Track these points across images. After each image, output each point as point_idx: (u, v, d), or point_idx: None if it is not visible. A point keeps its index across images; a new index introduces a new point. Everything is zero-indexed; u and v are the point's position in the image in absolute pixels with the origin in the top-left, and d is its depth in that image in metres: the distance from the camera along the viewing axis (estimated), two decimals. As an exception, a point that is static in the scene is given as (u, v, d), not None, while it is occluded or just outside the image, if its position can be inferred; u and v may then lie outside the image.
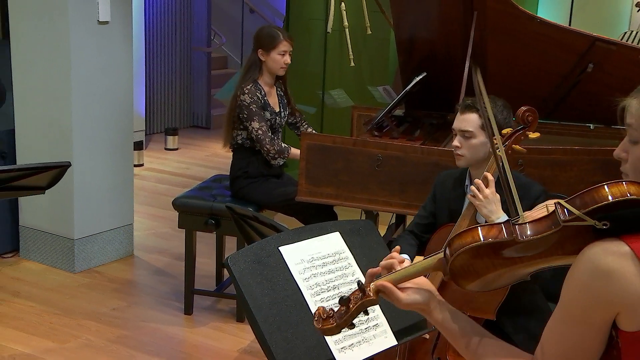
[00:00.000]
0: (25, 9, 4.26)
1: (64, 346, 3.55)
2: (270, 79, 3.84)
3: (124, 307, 3.99)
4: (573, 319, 1.31)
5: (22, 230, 4.55)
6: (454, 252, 1.39)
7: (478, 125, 2.58)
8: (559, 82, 3.65)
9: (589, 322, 1.29)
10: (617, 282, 1.24)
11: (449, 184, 2.77)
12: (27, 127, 4.41)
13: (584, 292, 1.28)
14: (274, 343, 1.77)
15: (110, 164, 4.48)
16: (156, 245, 4.88)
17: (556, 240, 1.31)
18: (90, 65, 4.26)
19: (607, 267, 1.24)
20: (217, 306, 4.05)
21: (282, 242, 1.92)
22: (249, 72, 3.79)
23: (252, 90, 3.73)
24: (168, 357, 3.50)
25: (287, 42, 3.77)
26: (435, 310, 1.45)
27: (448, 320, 1.44)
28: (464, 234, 1.40)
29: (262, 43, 3.77)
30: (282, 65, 3.78)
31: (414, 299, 1.45)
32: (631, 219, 1.25)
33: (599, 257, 1.25)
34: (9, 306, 3.91)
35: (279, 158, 3.75)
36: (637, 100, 1.35)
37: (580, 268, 1.28)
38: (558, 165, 3.22)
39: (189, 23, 8.03)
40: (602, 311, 1.27)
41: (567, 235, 1.30)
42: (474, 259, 1.39)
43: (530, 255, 1.35)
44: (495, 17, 3.48)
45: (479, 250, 1.38)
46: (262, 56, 3.78)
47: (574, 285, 1.29)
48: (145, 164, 6.79)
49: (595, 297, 1.26)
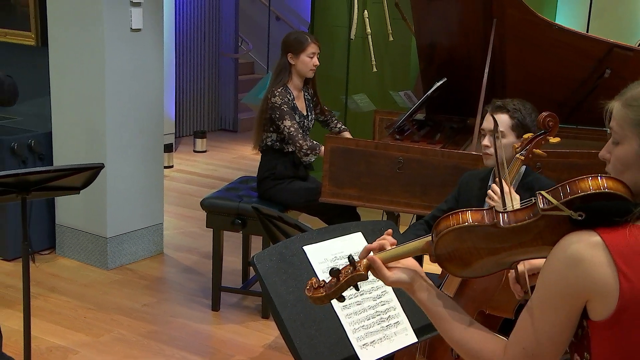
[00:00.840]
0: (63, 18, 4.30)
1: (97, 340, 3.57)
2: (300, 82, 3.85)
3: (154, 303, 4.01)
4: (545, 304, 1.32)
5: (58, 228, 4.59)
6: (439, 233, 1.41)
7: (508, 126, 2.59)
8: (577, 87, 3.62)
9: (560, 308, 1.30)
10: (587, 270, 1.25)
11: (473, 183, 2.76)
12: (64, 130, 4.44)
13: (556, 279, 1.29)
14: (298, 339, 1.77)
15: (141, 165, 4.51)
16: (185, 244, 4.90)
17: (537, 230, 1.32)
18: (123, 71, 4.29)
19: (578, 255, 1.26)
20: (243, 303, 4.06)
21: (306, 242, 1.92)
22: (279, 76, 3.81)
23: (283, 92, 3.74)
24: (196, 352, 3.51)
25: (314, 45, 3.78)
26: (419, 290, 1.47)
27: (431, 301, 1.46)
28: (450, 216, 1.41)
29: (291, 47, 3.78)
30: (312, 67, 3.80)
31: (399, 277, 1.47)
32: (606, 211, 1.27)
33: (571, 246, 1.27)
34: (45, 301, 3.95)
35: (311, 154, 3.74)
36: (618, 102, 1.37)
37: (554, 255, 1.29)
38: (575, 169, 3.19)
39: (217, 30, 8.06)
40: (572, 298, 1.28)
41: (547, 226, 1.31)
42: (457, 242, 1.40)
43: (512, 244, 1.35)
44: (515, 24, 3.46)
45: (462, 233, 1.39)
46: (291, 60, 3.79)
47: (548, 272, 1.31)
48: (174, 166, 6.82)
49: (566, 283, 1.28)
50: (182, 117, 7.87)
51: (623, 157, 1.33)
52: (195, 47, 7.90)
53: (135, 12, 4.26)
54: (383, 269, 1.48)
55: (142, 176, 4.52)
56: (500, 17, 3.44)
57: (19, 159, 4.29)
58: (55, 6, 4.31)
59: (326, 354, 1.78)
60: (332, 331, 1.81)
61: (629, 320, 1.25)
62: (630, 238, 1.25)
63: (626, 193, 1.27)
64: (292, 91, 3.80)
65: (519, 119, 2.59)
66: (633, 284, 1.23)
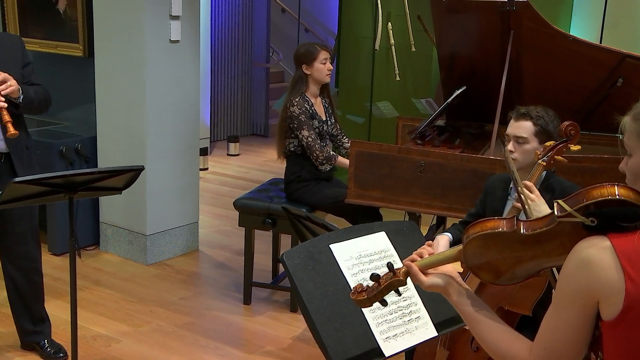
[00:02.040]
0: (108, 31, 4.34)
1: (137, 330, 3.60)
2: (316, 89, 3.84)
3: (190, 297, 4.02)
4: (561, 306, 1.32)
5: (102, 226, 4.62)
6: (465, 240, 1.43)
7: (531, 132, 2.56)
8: (590, 95, 3.57)
9: (574, 308, 1.30)
10: (596, 272, 1.26)
11: (496, 186, 2.73)
12: (107, 135, 4.48)
13: (569, 281, 1.30)
14: (325, 332, 1.77)
15: (178, 167, 4.53)
16: (219, 242, 4.91)
17: (556, 238, 1.32)
18: (162, 80, 4.32)
19: (588, 258, 1.26)
20: (273, 297, 4.06)
21: (333, 240, 1.92)
22: (296, 87, 3.80)
23: (300, 102, 3.74)
24: (228, 343, 3.52)
25: (324, 51, 3.78)
26: (453, 293, 1.50)
27: (464, 303, 1.48)
28: (476, 224, 1.43)
29: (303, 59, 3.77)
30: (327, 72, 3.79)
31: (434, 281, 1.51)
32: (615, 217, 1.27)
33: (583, 249, 1.28)
34: (90, 293, 3.99)
35: (327, 164, 3.75)
36: (629, 117, 1.38)
37: (569, 259, 1.30)
38: (588, 173, 3.16)
39: (250, 41, 8.09)
40: (584, 298, 1.29)
41: (565, 232, 1.31)
42: (483, 249, 1.41)
43: (536, 253, 1.36)
44: (531, 36, 3.43)
45: (486, 240, 1.40)
46: (306, 70, 3.78)
47: (563, 274, 1.31)
48: (209, 168, 6.84)
49: (578, 284, 1.29)
50: (216, 123, 7.90)
51: (634, 168, 1.34)
52: (229, 57, 7.93)
53: (174, 24, 4.30)
54: (419, 275, 1.51)
55: (179, 178, 4.54)
56: (517, 29, 3.42)
57: (66, 161, 4.34)
58: (101, 20, 4.36)
59: (351, 346, 1.78)
60: (356, 325, 1.81)
61: (635, 320, 1.24)
62: (638, 243, 1.25)
63: (638, 200, 1.27)
64: (309, 99, 3.80)
65: (542, 125, 2.57)
66: (638, 285, 1.23)
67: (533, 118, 2.57)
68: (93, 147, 4.54)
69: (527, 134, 2.57)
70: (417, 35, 5.92)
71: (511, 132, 2.61)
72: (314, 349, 3.36)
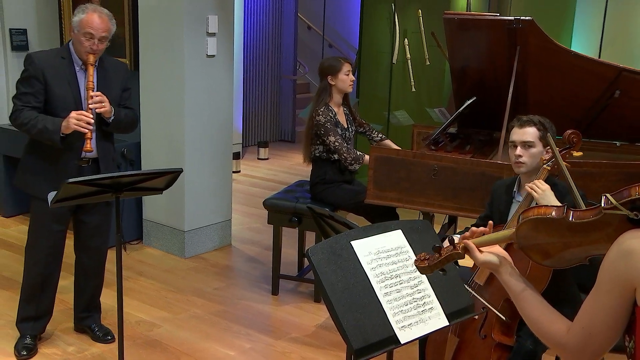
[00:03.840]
0: (151, 47, 4.38)
1: (176, 316, 3.63)
2: (339, 98, 3.84)
3: (223, 287, 4.04)
4: (601, 291, 1.31)
5: (145, 222, 4.66)
6: (520, 220, 1.43)
7: (537, 137, 2.55)
8: (590, 105, 3.54)
9: (613, 293, 1.29)
10: (636, 261, 1.24)
11: (501, 190, 2.72)
12: (150, 140, 4.52)
13: (610, 268, 1.29)
14: (346, 321, 1.77)
15: (213, 170, 4.55)
16: (249, 238, 4.93)
17: (602, 228, 1.32)
18: (199, 91, 4.34)
19: (629, 247, 1.26)
20: (299, 289, 4.06)
21: (353, 237, 1.92)
22: (321, 96, 3.80)
23: (325, 111, 3.74)
24: (258, 329, 3.53)
25: (347, 64, 3.79)
26: (505, 272, 1.50)
27: (513, 282, 1.48)
28: (530, 209, 1.43)
29: (328, 71, 3.78)
30: (349, 83, 3.79)
31: (489, 258, 1.51)
32: None
33: (626, 240, 1.27)
34: (135, 283, 4.03)
35: (355, 164, 3.75)
36: None
37: (612, 248, 1.29)
38: (588, 176, 3.13)
39: (278, 56, 8.11)
40: (623, 285, 1.27)
41: (610, 224, 1.30)
42: (534, 231, 1.41)
43: (583, 240, 1.35)
44: (536, 51, 3.41)
45: (537, 224, 1.40)
46: (331, 80, 3.78)
47: (606, 262, 1.30)
48: (241, 171, 6.87)
49: (618, 272, 1.27)
50: (248, 130, 7.94)
51: None
52: (260, 70, 7.96)
53: (210, 41, 4.32)
54: (475, 251, 1.52)
55: (214, 179, 4.56)
56: (523, 44, 3.39)
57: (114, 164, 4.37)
58: (145, 37, 4.41)
59: (369, 333, 1.78)
60: (374, 314, 1.81)
61: None
62: None
63: None
64: (333, 108, 3.79)
65: (544, 131, 2.56)
66: None
67: (536, 124, 2.56)
68: (137, 151, 4.58)
69: (533, 138, 2.55)
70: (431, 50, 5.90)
71: (518, 139, 2.59)
72: (335, 336, 3.37)
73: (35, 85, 2.90)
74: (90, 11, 2.91)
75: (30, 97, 2.91)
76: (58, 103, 2.92)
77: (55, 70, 2.93)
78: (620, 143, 3.70)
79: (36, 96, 2.91)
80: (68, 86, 2.95)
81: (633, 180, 3.08)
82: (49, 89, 2.92)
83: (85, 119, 2.84)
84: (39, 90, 2.91)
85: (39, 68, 2.90)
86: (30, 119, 2.87)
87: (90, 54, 2.89)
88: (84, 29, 2.88)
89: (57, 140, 2.87)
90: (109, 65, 3.09)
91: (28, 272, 3.13)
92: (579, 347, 1.34)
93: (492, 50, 3.58)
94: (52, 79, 2.92)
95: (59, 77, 2.94)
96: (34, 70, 2.90)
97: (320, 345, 3.37)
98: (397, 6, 5.83)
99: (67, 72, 2.95)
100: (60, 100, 2.92)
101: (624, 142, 3.69)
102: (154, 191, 2.80)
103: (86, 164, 3.05)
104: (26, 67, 2.93)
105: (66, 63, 2.96)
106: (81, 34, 2.89)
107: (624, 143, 3.69)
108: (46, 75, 2.91)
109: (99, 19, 2.90)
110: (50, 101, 2.93)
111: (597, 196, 3.03)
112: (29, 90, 2.91)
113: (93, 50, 2.90)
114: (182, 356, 3.21)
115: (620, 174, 3.13)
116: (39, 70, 2.90)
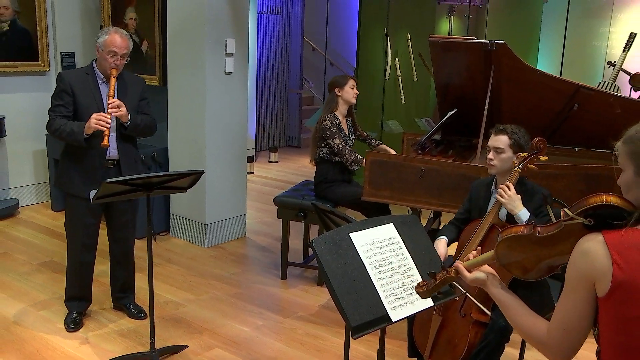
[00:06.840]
0: (178, 66, 4.39)
1: (199, 298, 3.63)
2: (344, 109, 3.86)
3: (240, 273, 4.04)
4: (569, 290, 1.33)
5: (172, 216, 4.66)
6: (497, 241, 1.45)
7: (507, 144, 2.56)
8: (553, 116, 3.54)
9: (579, 289, 1.31)
10: (591, 260, 1.27)
11: (480, 188, 2.72)
12: (176, 146, 4.52)
13: (573, 268, 1.31)
14: (345, 302, 1.77)
15: (231, 171, 4.54)
16: (262, 230, 4.92)
17: (566, 239, 1.34)
18: (219, 103, 4.34)
19: (585, 248, 1.29)
20: (304, 274, 4.06)
21: (352, 230, 1.92)
22: (329, 105, 3.83)
23: (331, 117, 3.76)
24: (269, 309, 3.53)
25: (353, 80, 3.84)
26: (491, 286, 1.53)
27: (500, 294, 1.51)
28: (505, 230, 1.45)
29: (337, 84, 3.82)
30: (354, 95, 3.82)
31: (477, 276, 1.55)
32: (605, 217, 1.29)
33: (582, 242, 1.30)
34: (163, 268, 4.03)
35: (355, 165, 3.76)
36: (620, 141, 1.37)
37: (574, 251, 1.31)
38: (552, 177, 3.13)
39: (287, 73, 8.11)
40: (584, 282, 1.29)
41: (572, 232, 1.33)
42: (510, 249, 1.43)
43: (553, 252, 1.38)
44: (508, 70, 3.41)
45: (511, 242, 1.42)
46: (338, 92, 3.81)
47: (569, 264, 1.33)
48: (255, 172, 6.86)
49: (579, 271, 1.30)
50: (260, 136, 7.92)
51: (624, 181, 1.34)
52: (270, 85, 7.96)
53: (228, 60, 4.33)
54: (464, 271, 1.56)
55: (231, 179, 4.56)
56: (497, 64, 3.39)
57: (145, 166, 4.37)
58: (173, 58, 4.41)
59: (365, 313, 1.78)
60: (369, 296, 1.81)
61: (620, 297, 1.26)
62: (624, 237, 1.27)
63: (624, 205, 1.29)
64: (338, 117, 3.81)
65: (515, 139, 2.56)
66: (622, 269, 1.25)
67: (508, 133, 2.57)
68: (165, 155, 4.59)
69: (503, 145, 2.56)
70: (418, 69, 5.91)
71: (491, 144, 2.60)
72: (336, 315, 3.37)
73: (65, 97, 2.95)
74: (112, 32, 2.94)
75: (61, 108, 2.95)
76: (84, 111, 2.96)
77: (82, 84, 2.97)
78: (578, 148, 3.70)
79: (66, 107, 2.95)
80: (92, 97, 2.98)
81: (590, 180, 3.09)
82: (77, 100, 2.96)
83: (104, 119, 2.86)
84: (68, 101, 2.95)
85: (68, 83, 2.95)
86: (61, 125, 2.92)
87: (114, 68, 2.93)
88: (108, 47, 2.91)
89: (81, 140, 2.90)
90: (128, 79, 3.12)
91: (69, 259, 3.16)
92: (558, 342, 1.35)
93: (471, 69, 3.58)
94: (79, 91, 2.96)
95: (85, 90, 2.97)
96: (64, 85, 2.95)
97: (322, 322, 3.38)
98: (390, 30, 5.83)
99: (92, 86, 2.99)
100: (86, 109, 2.96)
101: (581, 148, 3.70)
102: (179, 190, 2.81)
103: (111, 165, 3.05)
104: (57, 84, 2.98)
105: (90, 78, 3.00)
106: (106, 52, 2.92)
107: (581, 148, 3.70)
108: (74, 89, 2.95)
109: (120, 38, 2.93)
110: (78, 110, 2.98)
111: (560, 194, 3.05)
112: (60, 102, 2.95)
113: (116, 65, 2.93)
114: (204, 331, 3.22)
115: (579, 174, 3.14)
116: (67, 85, 2.95)
